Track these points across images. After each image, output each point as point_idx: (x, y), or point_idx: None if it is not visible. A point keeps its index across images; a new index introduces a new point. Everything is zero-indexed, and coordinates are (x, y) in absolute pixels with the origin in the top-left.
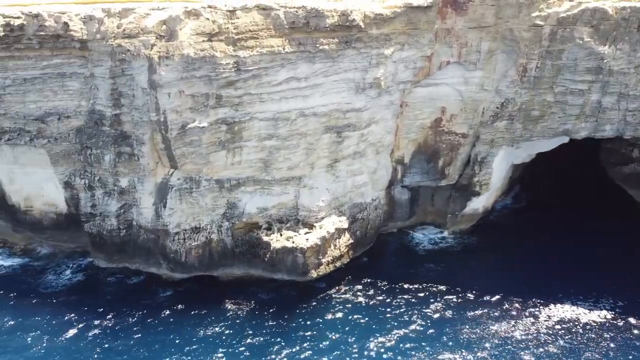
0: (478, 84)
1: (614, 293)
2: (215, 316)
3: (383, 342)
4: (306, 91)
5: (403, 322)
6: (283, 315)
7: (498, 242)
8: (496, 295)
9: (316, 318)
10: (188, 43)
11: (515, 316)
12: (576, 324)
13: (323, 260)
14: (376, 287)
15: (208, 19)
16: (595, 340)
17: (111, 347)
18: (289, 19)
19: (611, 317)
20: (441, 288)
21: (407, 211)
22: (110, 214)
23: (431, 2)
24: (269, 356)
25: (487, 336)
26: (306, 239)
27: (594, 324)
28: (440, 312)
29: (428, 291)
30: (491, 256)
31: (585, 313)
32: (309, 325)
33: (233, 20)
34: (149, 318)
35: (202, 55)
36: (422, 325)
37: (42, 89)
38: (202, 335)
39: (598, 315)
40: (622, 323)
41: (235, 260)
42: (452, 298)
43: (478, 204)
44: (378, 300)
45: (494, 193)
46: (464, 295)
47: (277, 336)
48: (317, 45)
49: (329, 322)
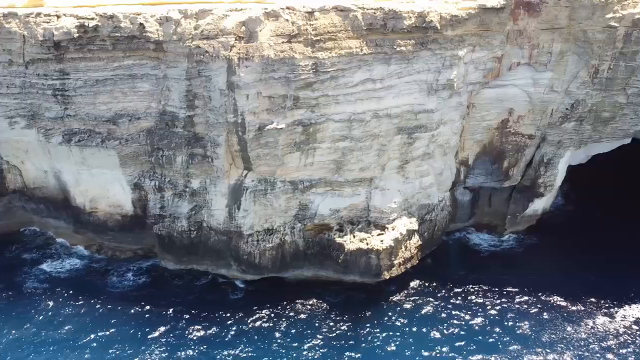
0: (547, 85)
1: None
2: (286, 318)
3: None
4: (380, 92)
5: (475, 326)
6: (353, 317)
7: (559, 243)
8: (567, 296)
9: (386, 321)
10: (268, 44)
11: (590, 316)
12: None
13: (395, 261)
14: (443, 290)
15: (287, 20)
16: None
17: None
18: (367, 21)
19: None
20: (510, 290)
21: (468, 212)
22: (181, 216)
23: (504, 4)
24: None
25: (567, 337)
26: (380, 241)
27: None
28: (512, 315)
29: (497, 294)
30: (555, 257)
31: None
32: (379, 328)
33: (311, 21)
34: (221, 319)
35: (282, 56)
36: (498, 328)
37: (113, 91)
38: (277, 336)
39: None
40: None
41: (306, 261)
42: (524, 300)
43: (539, 205)
44: (446, 303)
45: (553, 194)
46: (536, 296)
47: (350, 339)
48: (394, 46)
49: (399, 325)
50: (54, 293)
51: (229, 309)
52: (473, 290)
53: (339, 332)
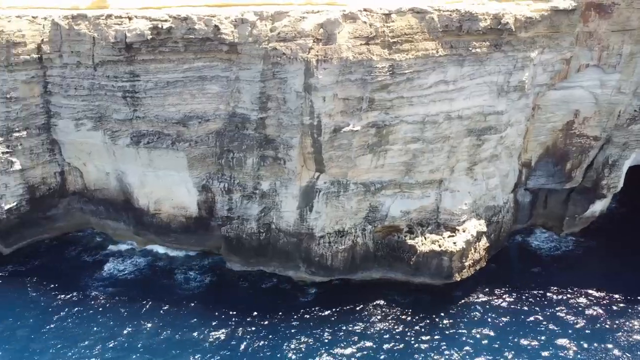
0: (615, 87)
1: None
2: (357, 320)
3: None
4: (453, 94)
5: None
6: (424, 319)
7: (616, 245)
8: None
9: (456, 323)
10: (346, 46)
11: None
12: None
13: (465, 263)
14: (509, 292)
15: (365, 22)
16: None
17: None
18: (443, 22)
19: None
20: (576, 293)
21: (527, 214)
22: (250, 218)
23: (575, 6)
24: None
25: None
26: (453, 243)
27: None
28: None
29: (564, 298)
30: (617, 259)
31: None
32: (450, 330)
33: (388, 23)
34: (292, 321)
35: (360, 58)
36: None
37: (182, 92)
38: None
39: None
40: None
41: (375, 263)
42: (592, 304)
43: (598, 207)
44: (513, 305)
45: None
46: (605, 301)
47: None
48: (469, 48)
49: (468, 327)
50: (118, 295)
51: (299, 312)
52: (540, 294)
53: (413, 332)
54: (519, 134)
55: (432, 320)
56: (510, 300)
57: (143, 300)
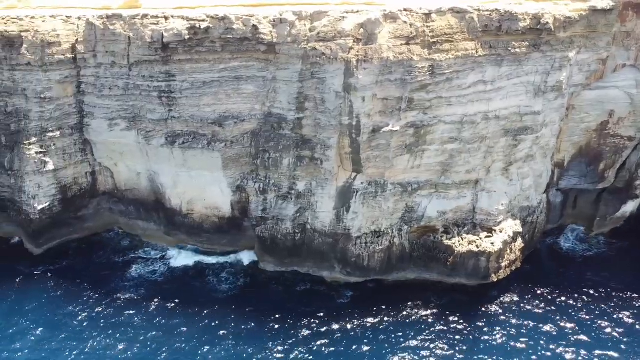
0: None
1: None
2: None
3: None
4: (491, 94)
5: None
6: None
7: None
8: None
9: (494, 324)
10: (387, 46)
11: None
12: None
13: (502, 264)
14: (544, 294)
15: (405, 22)
16: None
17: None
18: (482, 22)
19: None
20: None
21: (559, 214)
22: (285, 218)
23: (613, 6)
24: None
25: None
26: (491, 243)
27: None
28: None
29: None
30: None
31: None
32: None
33: (428, 23)
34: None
35: (400, 59)
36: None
37: (217, 93)
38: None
39: None
40: None
41: (410, 263)
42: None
43: (630, 207)
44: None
45: None
46: None
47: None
48: (509, 48)
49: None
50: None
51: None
52: (576, 296)
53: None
54: (553, 134)
55: (471, 321)
56: (545, 302)
57: (173, 302)
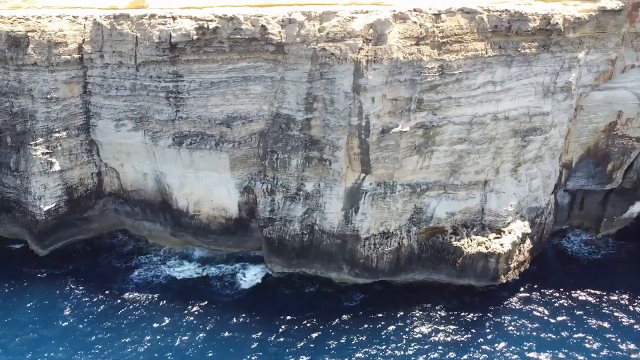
0: None
1: None
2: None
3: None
4: (500, 95)
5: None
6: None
7: None
8: None
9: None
10: (397, 47)
11: None
12: None
13: (511, 265)
14: (553, 295)
15: (415, 23)
16: None
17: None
18: (492, 23)
19: None
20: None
21: (566, 215)
22: (294, 219)
23: (622, 6)
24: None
25: None
26: (500, 244)
27: None
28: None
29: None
30: None
31: None
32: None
33: (438, 23)
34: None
35: (410, 59)
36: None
37: (225, 93)
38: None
39: None
40: None
41: (419, 265)
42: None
43: (637, 208)
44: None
45: None
46: None
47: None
48: (518, 49)
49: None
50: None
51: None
52: (585, 299)
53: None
54: (562, 135)
55: (480, 323)
56: (554, 304)
57: (179, 304)
